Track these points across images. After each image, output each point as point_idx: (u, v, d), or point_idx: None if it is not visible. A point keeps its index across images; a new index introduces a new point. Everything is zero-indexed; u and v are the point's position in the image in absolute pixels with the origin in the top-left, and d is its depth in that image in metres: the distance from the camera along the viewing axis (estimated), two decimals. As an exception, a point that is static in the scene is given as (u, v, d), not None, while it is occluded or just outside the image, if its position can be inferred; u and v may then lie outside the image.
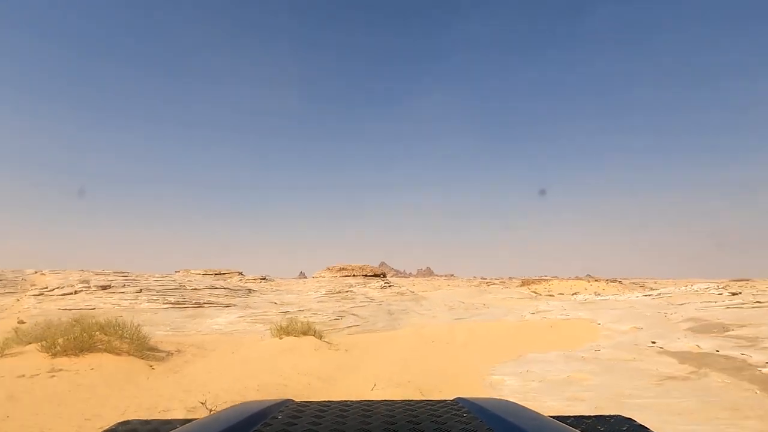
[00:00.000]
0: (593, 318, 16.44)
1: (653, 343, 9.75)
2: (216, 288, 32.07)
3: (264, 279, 78.27)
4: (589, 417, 0.97)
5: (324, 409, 0.86)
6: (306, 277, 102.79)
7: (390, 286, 55.32)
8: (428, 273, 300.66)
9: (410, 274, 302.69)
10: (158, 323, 16.22)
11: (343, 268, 68.41)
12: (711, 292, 24.10)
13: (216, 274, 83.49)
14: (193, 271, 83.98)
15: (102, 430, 0.85)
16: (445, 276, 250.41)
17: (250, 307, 24.28)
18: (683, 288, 24.97)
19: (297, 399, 0.97)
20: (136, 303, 20.07)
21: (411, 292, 54.65)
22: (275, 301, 31.00)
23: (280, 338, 11.63)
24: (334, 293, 37.58)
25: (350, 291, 40.54)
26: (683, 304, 21.54)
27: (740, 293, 24.54)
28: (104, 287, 21.84)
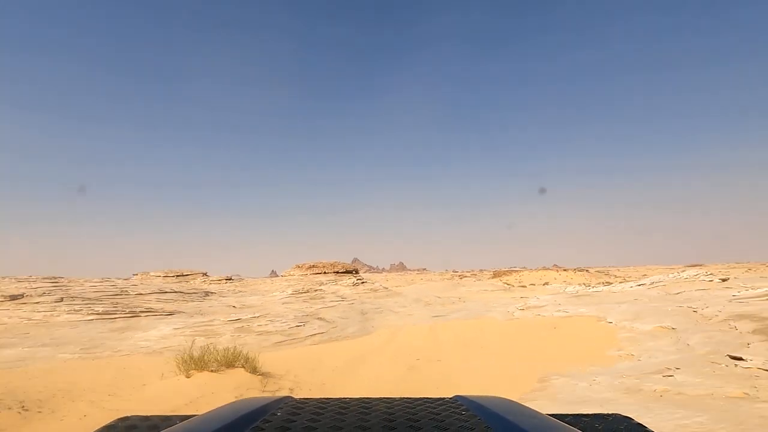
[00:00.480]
0: (600, 315, 14.08)
1: (736, 358, 6.98)
2: (165, 292, 28.22)
3: (230, 279, 73.74)
4: (588, 415, 0.95)
5: (323, 406, 0.85)
6: (277, 276, 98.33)
7: (363, 282, 52.37)
8: (401, 268, 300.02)
9: (383, 270, 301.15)
10: (70, 341, 12.71)
11: (314, 266, 65.00)
12: (702, 279, 22.39)
13: (178, 276, 78.13)
14: (152, 274, 78.31)
15: (102, 426, 0.80)
16: (418, 270, 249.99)
17: (201, 314, 20.78)
18: (671, 275, 23.22)
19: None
20: (52, 315, 16.29)
21: (384, 288, 51.92)
22: (234, 305, 27.49)
23: (187, 376, 7.72)
24: (302, 293, 34.30)
25: (320, 290, 37.36)
26: (679, 293, 19.68)
27: (728, 278, 23.03)
28: (14, 297, 17.87)
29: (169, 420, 0.86)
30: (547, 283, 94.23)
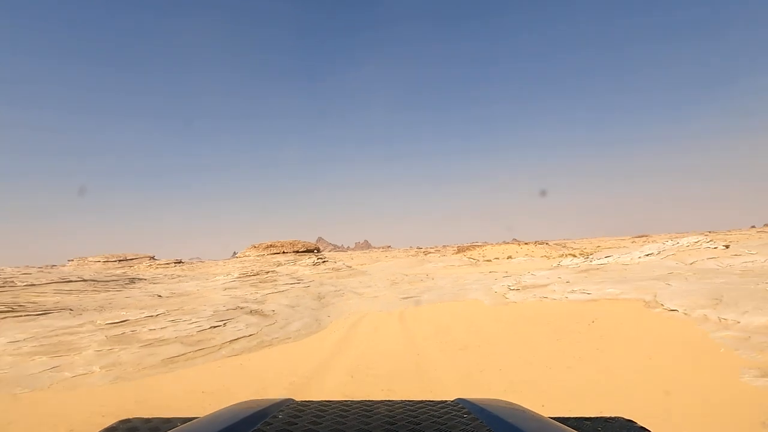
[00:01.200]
0: (646, 298, 9.98)
1: None
2: (70, 281, 22.29)
3: (179, 263, 66.79)
4: (591, 419, 0.93)
5: (324, 408, 0.84)
6: (237, 257, 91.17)
7: (324, 261, 47.66)
8: (366, 246, 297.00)
9: (348, 248, 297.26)
10: None
11: (271, 245, 59.35)
12: (705, 246, 19.17)
13: (120, 260, 70.09)
14: (90, 259, 69.90)
15: (103, 428, 0.81)
16: (383, 248, 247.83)
17: (103, 309, 15.43)
18: (669, 243, 19.98)
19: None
20: None
21: (348, 267, 47.52)
22: (162, 293, 22.09)
23: None
24: (251, 275, 29.14)
25: (273, 271, 32.30)
26: (694, 262, 16.31)
27: (729, 245, 20.13)
28: None
29: (170, 422, 0.85)
30: (510, 257, 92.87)
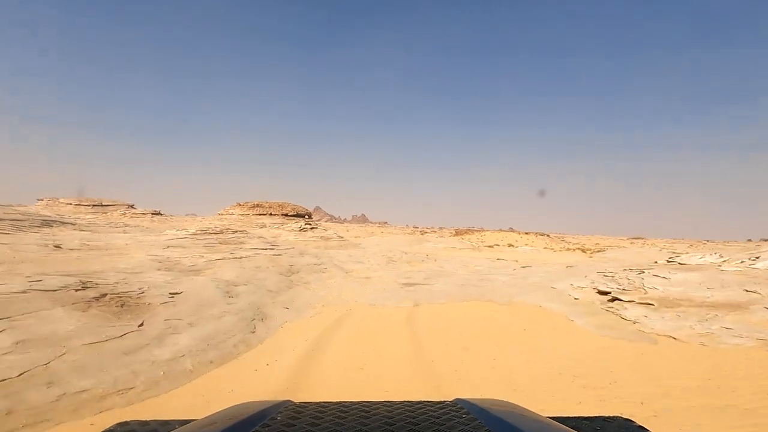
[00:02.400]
0: None
1: None
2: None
3: (158, 214, 59.88)
4: (589, 418, 0.92)
5: (323, 410, 0.82)
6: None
7: (313, 228, 40.99)
8: (363, 220, 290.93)
9: (345, 221, 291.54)
10: None
11: (258, 205, 52.43)
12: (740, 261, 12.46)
13: (95, 205, 62.93)
14: (62, 200, 62.79)
15: (101, 430, 0.77)
16: (379, 223, 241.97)
17: None
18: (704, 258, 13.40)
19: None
20: None
21: (339, 237, 40.93)
22: (65, 245, 15.44)
23: None
24: (211, 233, 22.43)
25: (243, 232, 25.51)
26: None
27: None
28: None
29: (168, 425, 0.83)
30: (511, 245, 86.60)
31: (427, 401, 0.90)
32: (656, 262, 16.08)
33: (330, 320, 9.39)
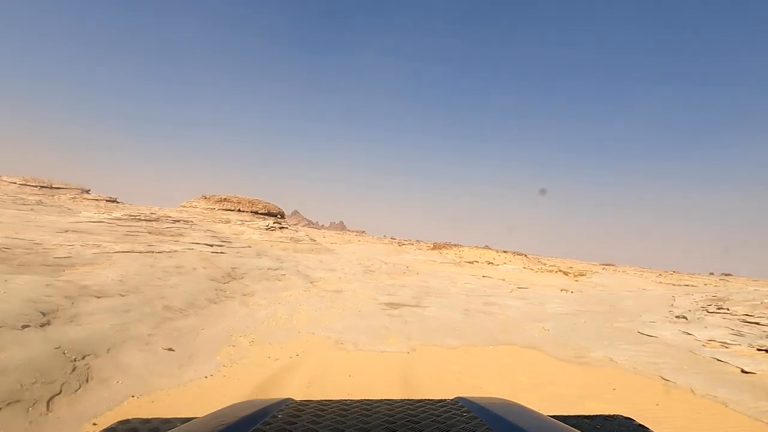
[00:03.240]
0: None
1: None
2: None
3: (113, 201, 53.69)
4: (590, 417, 0.92)
5: (324, 408, 0.81)
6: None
7: (283, 228, 36.09)
8: (341, 227, 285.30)
9: (323, 226, 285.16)
10: None
11: (226, 199, 46.96)
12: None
13: (43, 186, 55.87)
14: (5, 179, 55.68)
15: (102, 429, 0.78)
16: (357, 232, 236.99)
17: None
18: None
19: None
20: None
21: (312, 240, 36.14)
22: None
23: None
24: (143, 220, 17.40)
25: (189, 222, 20.58)
26: None
27: None
28: None
29: (169, 423, 0.82)
30: (491, 263, 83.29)
31: (428, 399, 0.88)
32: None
33: (246, 387, 4.81)
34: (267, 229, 32.44)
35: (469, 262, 72.98)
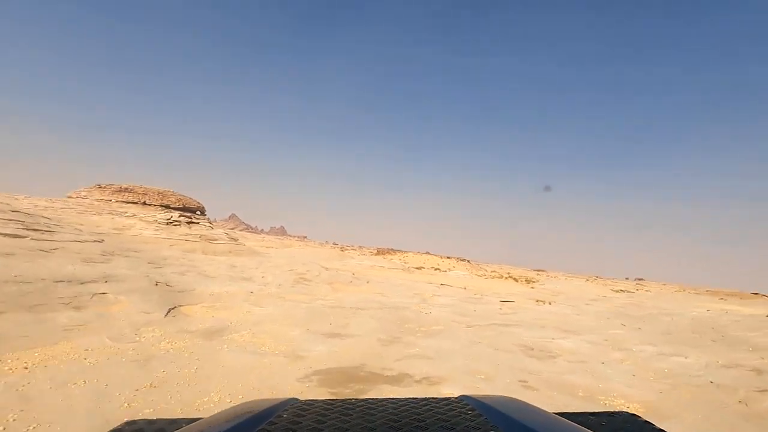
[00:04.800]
0: None
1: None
2: None
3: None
4: (594, 413, 0.91)
5: (328, 407, 0.80)
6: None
7: (192, 223, 27.66)
8: (282, 232, 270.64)
9: (262, 231, 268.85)
10: None
11: (127, 189, 36.79)
12: None
13: None
14: None
15: (109, 430, 0.77)
16: (299, 237, 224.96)
17: None
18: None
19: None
20: None
21: (232, 239, 28.07)
22: None
23: None
24: None
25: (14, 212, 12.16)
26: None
27: None
28: None
29: (175, 423, 0.82)
30: (438, 269, 78.95)
31: (432, 398, 0.87)
32: None
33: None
34: (169, 224, 23.98)
35: (417, 268, 67.56)
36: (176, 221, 24.70)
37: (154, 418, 0.85)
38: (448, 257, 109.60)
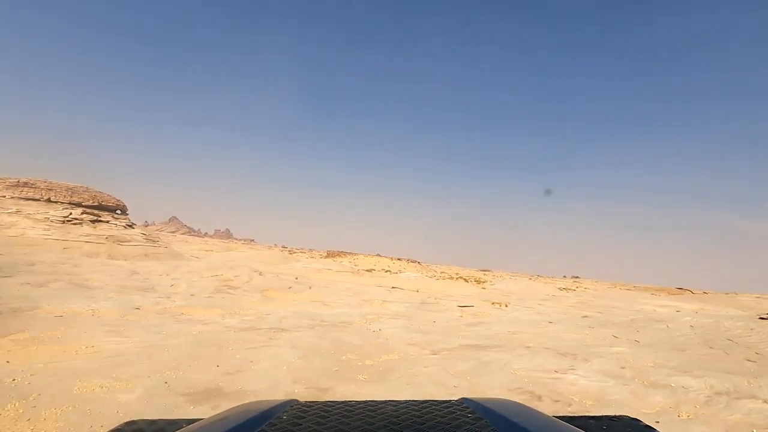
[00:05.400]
0: None
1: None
2: None
3: None
4: (595, 417, 0.89)
5: (329, 409, 0.79)
6: None
7: (98, 221, 23.36)
8: (227, 235, 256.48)
9: (206, 234, 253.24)
10: None
11: (27, 184, 31.21)
12: None
13: None
14: None
15: (108, 430, 0.74)
16: (245, 240, 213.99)
17: None
18: None
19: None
20: None
21: (150, 240, 23.98)
22: None
23: None
24: None
25: None
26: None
27: None
28: None
29: (175, 424, 0.80)
30: (389, 270, 77.52)
31: (433, 400, 0.86)
32: None
33: None
34: (65, 223, 19.79)
35: (367, 270, 65.39)
36: (77, 219, 20.50)
37: (155, 418, 0.83)
38: (398, 259, 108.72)
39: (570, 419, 0.83)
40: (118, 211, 34.68)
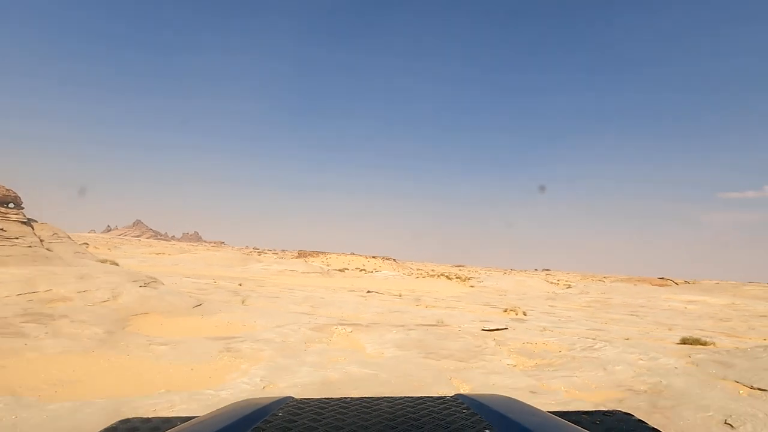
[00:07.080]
0: None
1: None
2: None
3: None
4: (589, 412, 0.89)
5: (324, 406, 0.78)
6: None
7: None
8: (196, 238, 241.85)
9: (173, 238, 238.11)
10: None
11: None
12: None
13: None
14: None
15: (103, 428, 0.73)
16: (214, 243, 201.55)
17: None
18: None
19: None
20: None
21: (41, 241, 16.79)
22: None
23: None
24: None
25: None
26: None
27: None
28: None
29: (170, 422, 0.79)
30: (364, 269, 71.20)
31: (428, 396, 0.86)
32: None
33: None
34: None
35: (340, 270, 58.75)
36: None
37: (150, 417, 0.82)
38: (373, 257, 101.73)
39: (563, 414, 0.81)
40: (12, 204, 26.65)
